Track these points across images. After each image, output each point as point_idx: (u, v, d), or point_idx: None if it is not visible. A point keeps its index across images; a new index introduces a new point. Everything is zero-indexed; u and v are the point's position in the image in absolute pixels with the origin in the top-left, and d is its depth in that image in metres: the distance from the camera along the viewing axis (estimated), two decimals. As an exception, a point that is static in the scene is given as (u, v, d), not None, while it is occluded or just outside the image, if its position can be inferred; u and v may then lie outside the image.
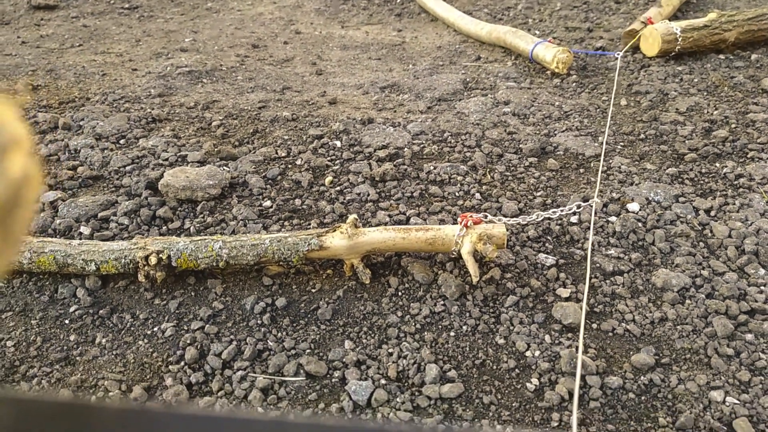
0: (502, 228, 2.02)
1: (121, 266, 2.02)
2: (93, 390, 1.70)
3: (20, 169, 0.41)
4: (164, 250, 2.00)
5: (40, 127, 3.10)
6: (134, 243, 2.06)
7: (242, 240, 2.04)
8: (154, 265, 1.99)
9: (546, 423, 1.62)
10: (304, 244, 2.01)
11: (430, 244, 2.03)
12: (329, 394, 1.70)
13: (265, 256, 2.02)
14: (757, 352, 1.82)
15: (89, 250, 2.03)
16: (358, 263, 2.05)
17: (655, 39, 3.85)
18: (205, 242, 2.04)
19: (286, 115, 3.22)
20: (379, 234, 2.04)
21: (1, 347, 1.85)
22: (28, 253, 2.02)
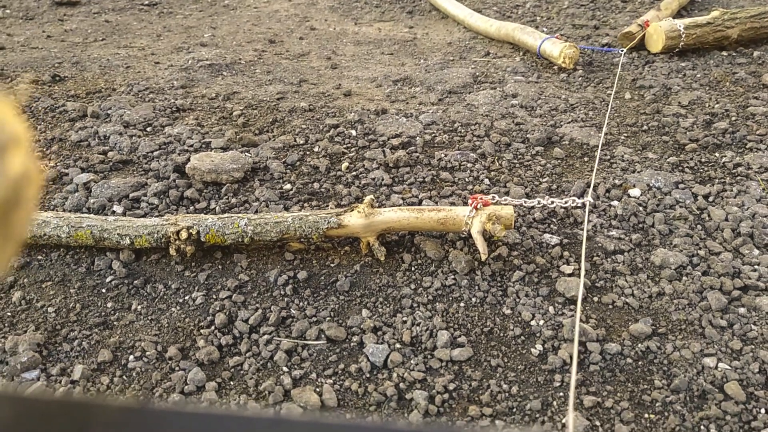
0: (509, 209, 2.14)
1: (154, 240, 2.16)
2: (131, 350, 1.85)
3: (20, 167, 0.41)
4: (194, 226, 2.15)
5: (69, 115, 3.26)
6: (166, 219, 2.20)
7: (266, 218, 2.18)
8: (184, 240, 2.14)
9: (549, 384, 1.75)
10: (323, 221, 2.15)
11: (442, 223, 2.16)
12: (348, 356, 1.84)
13: (288, 233, 2.15)
14: (749, 324, 1.94)
15: (124, 226, 2.18)
16: (374, 241, 2.19)
17: (659, 35, 3.96)
18: (232, 219, 2.18)
19: (303, 106, 3.37)
20: (393, 213, 2.17)
21: (43, 313, 2.00)
22: (66, 227, 2.17)
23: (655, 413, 1.66)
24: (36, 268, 2.18)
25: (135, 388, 1.73)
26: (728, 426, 1.62)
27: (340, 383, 1.75)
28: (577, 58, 3.88)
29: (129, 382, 1.75)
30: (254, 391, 1.72)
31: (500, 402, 1.69)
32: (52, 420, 0.43)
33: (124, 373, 1.78)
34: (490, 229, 2.07)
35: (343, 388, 1.73)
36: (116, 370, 1.79)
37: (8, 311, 2.01)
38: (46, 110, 3.35)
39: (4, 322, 1.96)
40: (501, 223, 2.11)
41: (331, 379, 1.76)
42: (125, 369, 1.79)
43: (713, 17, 4.03)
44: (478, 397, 1.71)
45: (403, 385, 1.73)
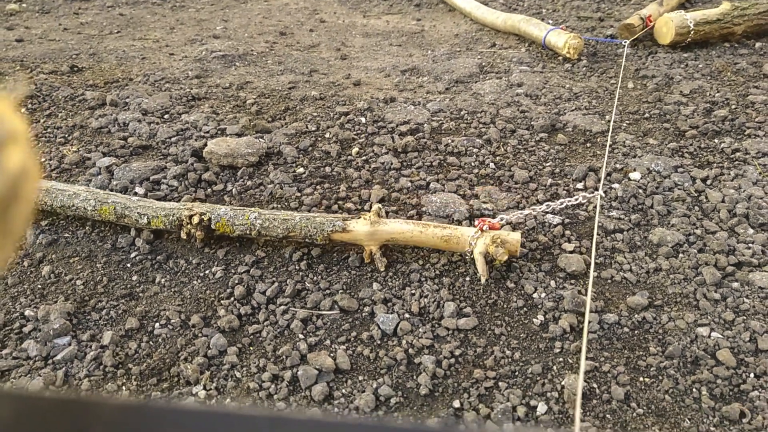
0: (516, 236, 2.10)
1: (169, 222, 2.27)
2: (156, 319, 1.97)
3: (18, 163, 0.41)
4: (206, 213, 2.24)
5: (88, 104, 3.39)
6: (183, 204, 2.31)
7: (275, 214, 2.21)
8: (195, 225, 2.25)
9: (549, 350, 1.85)
10: (329, 224, 2.16)
11: (446, 241, 2.13)
12: (360, 325, 1.95)
13: (293, 231, 2.17)
14: (742, 297, 2.04)
15: (145, 206, 2.29)
16: (376, 250, 2.17)
17: (669, 29, 4.02)
18: (243, 211, 2.24)
19: (314, 95, 3.48)
20: (398, 225, 2.16)
21: (71, 285, 2.12)
22: (93, 201, 2.29)
23: (649, 377, 1.76)
24: (63, 245, 2.30)
25: (161, 352, 1.84)
26: (719, 389, 1.72)
27: (352, 349, 1.86)
28: (582, 49, 3.96)
29: (155, 347, 1.86)
30: (272, 356, 1.83)
31: (503, 366, 1.80)
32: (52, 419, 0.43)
33: (150, 339, 1.90)
34: (492, 252, 2.04)
35: (355, 353, 1.84)
36: (143, 337, 1.90)
37: (38, 284, 2.13)
38: (66, 99, 3.47)
39: (35, 293, 2.09)
40: (506, 248, 2.08)
41: (344, 345, 1.87)
42: (152, 335, 1.91)
43: (722, 13, 4.05)
44: (483, 362, 1.81)
45: (412, 350, 1.84)
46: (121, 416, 0.43)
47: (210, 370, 1.79)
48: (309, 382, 1.73)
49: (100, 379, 1.76)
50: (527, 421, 1.63)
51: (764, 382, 1.73)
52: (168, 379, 1.76)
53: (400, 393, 1.72)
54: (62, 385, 1.74)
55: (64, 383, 1.75)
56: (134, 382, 1.75)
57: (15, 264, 2.22)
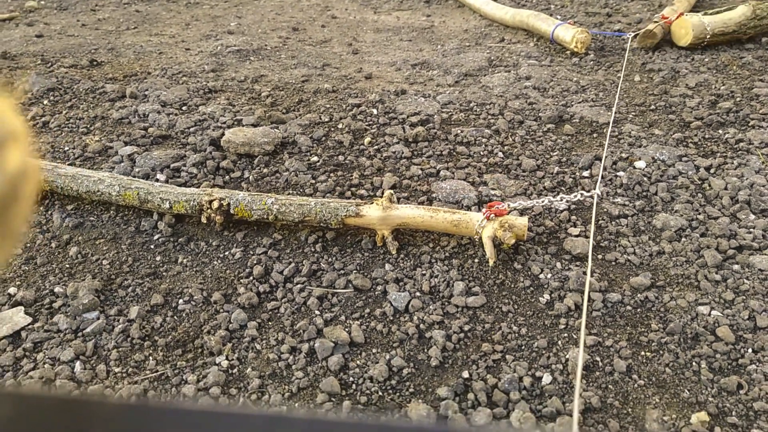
0: (524, 221, 2.15)
1: (190, 207, 2.37)
2: (179, 296, 2.07)
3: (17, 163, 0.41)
4: (225, 198, 2.34)
5: (108, 96, 3.50)
6: (203, 190, 2.40)
7: (291, 199, 2.29)
8: (215, 209, 2.34)
9: (554, 327, 1.93)
10: (343, 209, 2.24)
11: (455, 225, 2.20)
12: (373, 302, 2.04)
13: (309, 216, 2.26)
14: (742, 278, 2.11)
15: (166, 191, 2.39)
16: (388, 234, 2.24)
17: (687, 31, 3.98)
18: (261, 197, 2.33)
19: (327, 88, 3.57)
20: (410, 210, 2.23)
21: (98, 265, 2.23)
22: (118, 186, 2.39)
23: (650, 351, 1.84)
24: (89, 228, 2.41)
25: (185, 326, 1.94)
26: (718, 363, 1.80)
27: (366, 324, 1.95)
28: (589, 43, 4.03)
29: (180, 321, 1.96)
30: (290, 330, 1.93)
31: (510, 341, 1.88)
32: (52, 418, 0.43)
33: (174, 314, 2.00)
34: (500, 236, 2.09)
35: (369, 328, 1.94)
36: (168, 312, 2.00)
37: (66, 263, 2.24)
38: (87, 91, 3.58)
39: (64, 272, 2.19)
40: (513, 232, 2.14)
41: (359, 321, 1.96)
42: (176, 310, 2.01)
43: (739, 23, 3.95)
44: (491, 336, 1.90)
45: (423, 326, 1.93)
46: (121, 416, 0.43)
47: (232, 342, 1.88)
48: (325, 354, 1.83)
49: (128, 350, 1.86)
50: (533, 391, 1.72)
51: (761, 357, 1.81)
52: (192, 350, 1.86)
53: (411, 364, 1.81)
54: (92, 355, 1.84)
55: (94, 354, 1.85)
56: (160, 353, 1.85)
57: (43, 246, 2.33)
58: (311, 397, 1.71)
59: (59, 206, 2.51)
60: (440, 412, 1.65)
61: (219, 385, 1.73)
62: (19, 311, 2.00)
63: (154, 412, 0.44)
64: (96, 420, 0.43)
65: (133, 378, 1.77)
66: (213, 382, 1.73)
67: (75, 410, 0.44)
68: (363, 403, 1.69)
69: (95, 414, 0.44)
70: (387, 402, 1.70)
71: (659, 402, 1.68)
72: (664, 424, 1.62)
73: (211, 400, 1.69)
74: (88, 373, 1.78)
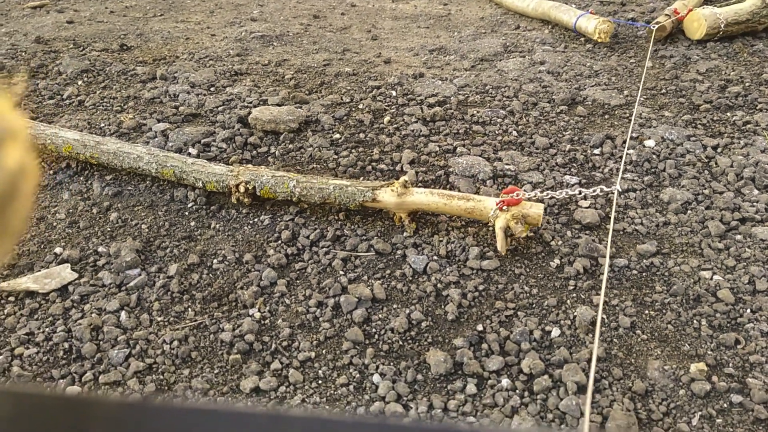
0: (539, 209, 2.15)
1: (220, 187, 2.50)
2: (214, 256, 2.22)
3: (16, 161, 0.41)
4: (251, 181, 2.45)
5: (140, 78, 3.66)
6: (231, 170, 2.53)
7: (312, 182, 2.38)
8: (243, 193, 2.48)
9: (564, 288, 2.06)
10: (360, 194, 2.31)
11: (469, 212, 2.23)
12: (393, 264, 2.19)
13: (329, 199, 2.35)
14: (744, 247, 2.23)
15: (198, 170, 2.51)
16: (405, 217, 2.33)
17: (700, 25, 4.03)
18: (283, 179, 2.42)
19: (347, 71, 3.71)
20: (424, 197, 2.27)
21: (137, 228, 2.39)
22: (155, 164, 2.54)
23: (654, 310, 1.97)
24: (127, 196, 2.57)
25: (220, 282, 2.10)
26: (717, 321, 1.92)
27: (387, 283, 2.09)
28: (611, 33, 4.09)
29: (215, 278, 2.12)
30: (317, 287, 2.08)
31: (522, 300, 2.02)
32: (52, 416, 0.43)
33: (210, 272, 2.15)
34: (512, 228, 2.13)
35: (390, 286, 2.08)
36: (203, 270, 2.16)
37: (107, 227, 2.40)
38: (119, 73, 3.75)
39: (105, 235, 2.36)
40: (527, 222, 2.16)
41: (380, 281, 2.10)
42: (210, 269, 2.17)
43: (752, 11, 4.01)
44: (504, 296, 2.03)
45: (440, 285, 2.07)
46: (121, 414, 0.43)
47: (263, 297, 2.04)
48: (350, 308, 1.97)
49: (168, 302, 2.02)
50: (543, 342, 1.85)
51: (759, 316, 1.93)
52: (227, 303, 2.02)
53: (429, 318, 1.95)
54: (136, 306, 2.01)
55: (137, 305, 2.01)
56: (198, 305, 2.01)
57: (84, 211, 2.50)
58: (337, 345, 1.86)
59: (98, 176, 2.67)
60: (456, 359, 1.79)
61: (253, 333, 1.88)
62: (65, 267, 2.17)
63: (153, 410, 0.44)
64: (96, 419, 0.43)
65: (174, 326, 1.92)
66: (247, 330, 1.89)
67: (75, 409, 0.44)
68: (385, 351, 1.84)
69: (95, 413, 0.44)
70: (407, 350, 1.85)
71: (661, 354, 1.81)
72: (664, 372, 1.74)
73: (246, 345, 1.84)
74: (133, 321, 1.94)
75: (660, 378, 1.73)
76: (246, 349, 1.83)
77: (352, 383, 1.74)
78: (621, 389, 1.70)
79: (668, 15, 4.18)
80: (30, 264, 2.21)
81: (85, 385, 1.74)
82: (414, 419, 1.65)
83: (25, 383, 1.75)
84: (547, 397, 1.67)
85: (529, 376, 1.74)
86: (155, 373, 1.77)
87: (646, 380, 1.72)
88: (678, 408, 1.65)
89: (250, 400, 1.69)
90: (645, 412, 1.64)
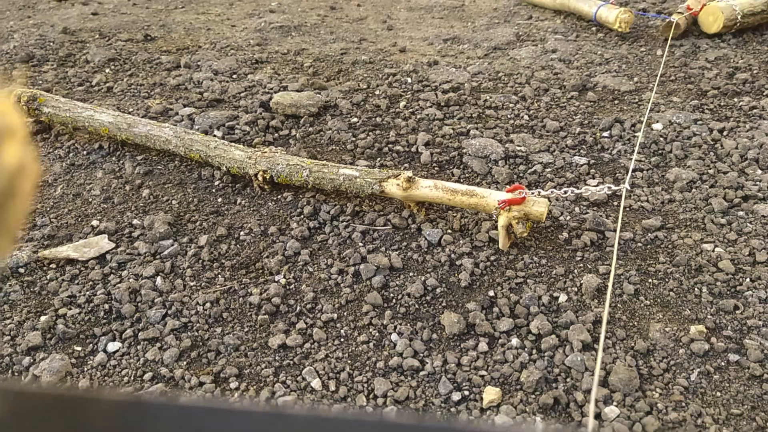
0: (541, 207, 2.12)
1: (242, 172, 2.62)
2: (240, 229, 2.36)
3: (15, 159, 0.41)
4: (268, 171, 2.54)
5: (164, 66, 3.81)
6: (249, 157, 2.63)
7: (324, 172, 2.45)
8: (261, 181, 2.59)
9: (571, 258, 2.18)
10: (368, 186, 2.37)
11: (473, 207, 2.26)
12: (410, 237, 2.31)
13: (341, 188, 2.44)
14: (746, 223, 2.32)
15: (220, 155, 2.62)
16: (413, 206, 2.40)
17: (716, 18, 4.07)
18: (297, 169, 2.51)
19: (364, 59, 3.84)
20: (429, 191, 2.28)
21: (168, 203, 2.53)
22: (183, 148, 2.68)
23: (657, 279, 2.08)
24: (158, 174, 2.72)
25: (247, 252, 2.24)
26: (717, 288, 2.02)
27: (404, 254, 2.22)
28: (632, 22, 4.14)
29: (242, 248, 2.26)
30: (338, 257, 2.21)
31: (531, 269, 2.13)
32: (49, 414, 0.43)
33: (237, 243, 2.29)
34: (514, 227, 2.14)
35: (406, 257, 2.20)
36: (231, 241, 2.30)
37: (140, 203, 2.55)
38: (144, 62, 3.90)
39: (139, 209, 2.50)
40: (529, 222, 2.18)
41: (397, 252, 2.23)
42: (238, 240, 2.30)
43: (767, 2, 4.05)
44: (514, 265, 2.15)
45: (453, 256, 2.19)
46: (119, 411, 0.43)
47: (288, 265, 2.17)
48: (369, 275, 2.10)
49: (200, 269, 2.17)
50: (550, 307, 1.97)
51: (758, 285, 2.03)
52: (254, 271, 2.16)
53: (444, 285, 2.07)
54: (170, 272, 2.15)
55: (171, 271, 2.16)
56: (228, 272, 2.15)
57: (118, 188, 2.65)
58: (358, 307, 1.99)
59: (130, 156, 2.82)
60: (469, 321, 1.91)
61: (279, 297, 2.02)
62: (103, 238, 2.32)
63: (151, 408, 0.44)
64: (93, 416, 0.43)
65: (206, 290, 2.07)
66: (274, 293, 2.02)
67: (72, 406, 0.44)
68: (402, 314, 1.97)
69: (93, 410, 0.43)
70: (423, 313, 1.97)
71: (662, 318, 1.92)
72: (665, 333, 1.86)
73: (273, 307, 1.98)
74: (168, 285, 2.08)
75: (661, 339, 1.84)
76: (273, 311, 1.97)
77: (372, 341, 1.87)
78: (624, 348, 1.81)
79: (681, 12, 4.19)
80: (69, 235, 2.36)
81: (125, 341, 1.88)
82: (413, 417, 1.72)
83: (71, 338, 1.90)
84: (554, 354, 1.79)
85: (537, 336, 1.86)
86: (190, 330, 1.91)
87: (647, 340, 1.83)
88: (678, 365, 1.76)
89: (277, 355, 1.83)
90: (646, 368, 1.75)
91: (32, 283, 2.13)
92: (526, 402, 1.67)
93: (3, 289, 2.10)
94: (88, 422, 0.43)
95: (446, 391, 1.70)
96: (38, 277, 2.15)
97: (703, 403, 1.66)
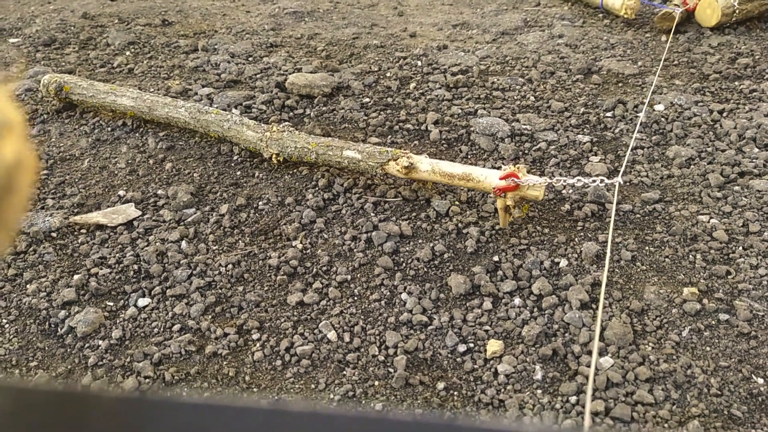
0: (537, 191, 2.13)
1: (257, 150, 2.73)
2: (259, 200, 2.49)
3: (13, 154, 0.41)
4: (280, 153, 2.66)
5: (182, 49, 3.94)
6: (260, 139, 2.73)
7: (330, 153, 2.54)
8: (275, 161, 2.72)
9: (573, 228, 2.29)
10: (371, 169, 2.47)
11: (472, 189, 2.37)
12: (419, 208, 2.43)
13: (348, 167, 2.55)
14: (741, 197, 2.43)
15: (235, 136, 2.73)
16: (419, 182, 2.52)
17: (714, 11, 4.13)
18: (306, 152, 2.63)
19: (375, 43, 3.95)
20: (428, 175, 2.37)
21: (189, 176, 2.67)
22: (201, 129, 2.81)
23: (654, 247, 2.19)
24: (179, 150, 2.85)
25: (266, 220, 2.37)
26: (711, 256, 2.13)
27: (413, 223, 2.34)
28: (638, 9, 4.22)
29: (261, 217, 2.39)
30: (351, 225, 2.33)
31: (534, 237, 2.25)
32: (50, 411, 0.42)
33: (256, 211, 2.43)
34: (511, 209, 2.20)
35: (416, 226, 2.33)
36: (250, 210, 2.43)
37: (163, 175, 2.68)
38: (163, 45, 4.04)
39: (162, 181, 2.64)
40: (526, 204, 2.25)
41: (407, 221, 2.35)
42: (257, 209, 2.44)
43: None
44: (518, 234, 2.27)
45: (460, 225, 2.31)
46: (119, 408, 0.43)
47: (304, 232, 2.30)
48: (381, 241, 2.23)
49: (221, 235, 2.30)
50: (552, 271, 2.09)
51: (749, 253, 2.14)
52: (273, 237, 2.29)
53: (451, 251, 2.20)
54: (194, 237, 2.29)
55: (195, 237, 2.29)
56: (248, 237, 2.29)
57: (142, 162, 2.78)
58: (370, 270, 2.12)
59: (152, 133, 2.96)
60: (474, 282, 2.04)
61: (296, 260, 2.15)
62: (130, 206, 2.46)
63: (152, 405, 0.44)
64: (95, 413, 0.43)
65: (228, 253, 2.20)
66: (291, 257, 2.15)
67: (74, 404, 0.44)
68: (411, 276, 2.09)
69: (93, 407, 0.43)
70: (431, 275, 2.10)
71: (657, 281, 2.04)
72: (659, 295, 1.97)
73: (291, 269, 2.11)
74: (192, 248, 2.22)
75: (655, 299, 1.96)
76: (291, 272, 2.10)
77: (383, 299, 2.00)
78: (619, 308, 1.93)
79: (677, 5, 4.23)
80: (97, 204, 2.50)
81: (155, 297, 2.02)
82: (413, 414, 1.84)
83: (103, 294, 2.04)
84: (554, 312, 1.92)
85: (538, 296, 1.99)
86: (214, 288, 2.05)
87: (642, 301, 1.95)
88: (670, 323, 1.88)
89: (295, 311, 1.96)
90: (640, 325, 1.87)
91: (64, 246, 2.27)
92: (526, 353, 1.80)
93: (37, 251, 2.24)
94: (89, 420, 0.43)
95: (452, 344, 1.83)
96: (70, 240, 2.30)
97: (693, 356, 1.78)
